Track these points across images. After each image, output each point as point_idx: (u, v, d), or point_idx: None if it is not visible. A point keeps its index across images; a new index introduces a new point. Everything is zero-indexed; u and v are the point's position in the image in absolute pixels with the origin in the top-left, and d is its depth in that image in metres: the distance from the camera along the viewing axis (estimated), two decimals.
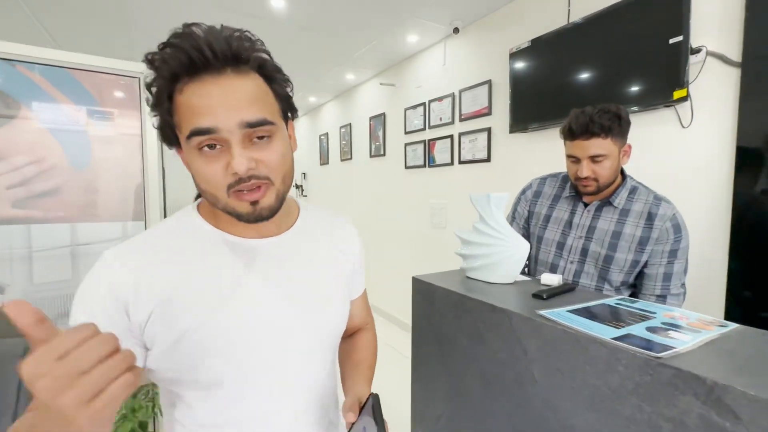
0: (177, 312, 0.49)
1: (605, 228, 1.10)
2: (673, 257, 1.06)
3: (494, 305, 0.71)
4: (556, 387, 0.61)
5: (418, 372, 0.94)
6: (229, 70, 0.47)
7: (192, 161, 0.49)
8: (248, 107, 0.47)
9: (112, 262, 0.49)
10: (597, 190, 1.09)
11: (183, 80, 0.46)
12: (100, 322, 0.35)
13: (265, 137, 0.49)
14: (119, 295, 0.48)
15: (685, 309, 0.67)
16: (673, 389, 0.47)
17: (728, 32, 1.41)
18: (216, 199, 0.50)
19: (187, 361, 0.50)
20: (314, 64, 3.39)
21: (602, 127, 1.02)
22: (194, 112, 0.46)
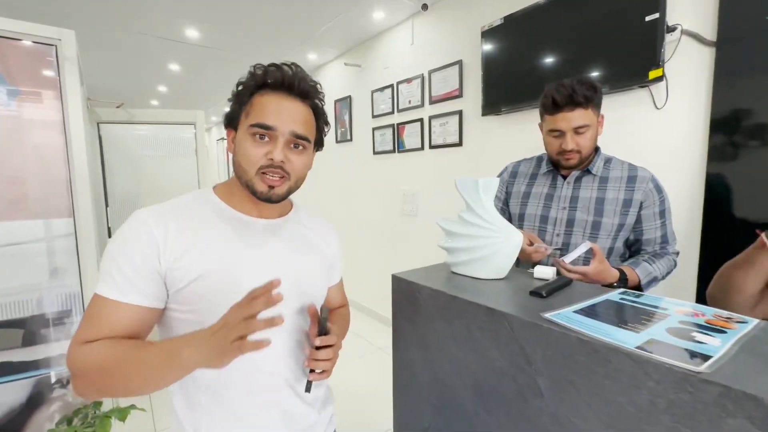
0: (193, 261, 0.62)
1: (588, 196, 1.11)
2: (663, 217, 1.10)
3: (491, 308, 0.62)
4: (568, 402, 0.52)
5: (401, 378, 0.84)
6: (298, 98, 0.67)
7: (243, 141, 0.65)
8: (300, 124, 0.67)
9: (146, 219, 0.62)
10: (579, 162, 1.10)
11: (268, 90, 0.66)
12: (138, 264, 0.59)
13: (300, 147, 0.68)
14: (154, 243, 0.60)
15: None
16: (720, 410, 0.39)
17: (704, 11, 1.39)
18: (245, 173, 0.65)
19: (199, 302, 0.62)
20: (272, 42, 3.13)
21: (585, 97, 1.02)
22: (265, 112, 0.64)
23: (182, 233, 0.62)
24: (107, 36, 2.86)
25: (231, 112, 0.68)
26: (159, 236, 0.60)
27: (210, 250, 0.63)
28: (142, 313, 0.60)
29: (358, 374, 2.43)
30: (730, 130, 1.34)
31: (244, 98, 0.66)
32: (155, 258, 0.60)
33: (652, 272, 1.05)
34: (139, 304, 0.59)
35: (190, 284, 0.61)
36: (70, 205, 1.24)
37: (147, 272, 0.60)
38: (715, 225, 1.40)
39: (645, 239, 1.11)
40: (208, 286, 0.62)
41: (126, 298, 0.58)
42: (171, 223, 0.62)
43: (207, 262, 0.62)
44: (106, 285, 0.59)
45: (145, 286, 0.59)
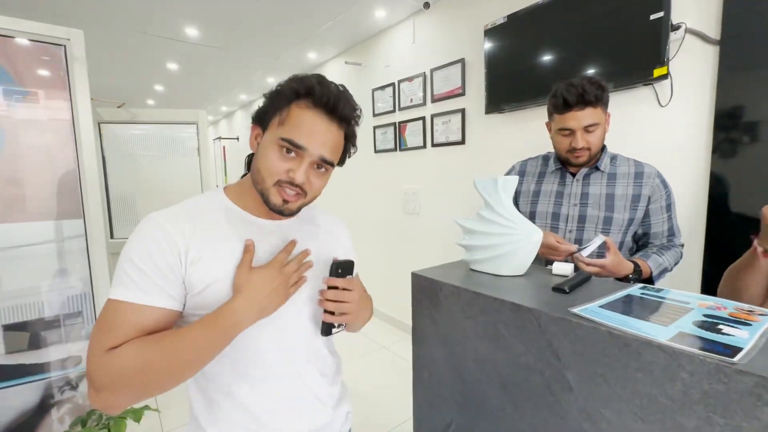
0: (209, 266, 0.62)
1: (598, 192, 1.13)
2: (669, 211, 1.14)
3: (518, 304, 0.63)
4: (598, 395, 0.54)
5: (421, 375, 0.85)
6: (336, 121, 0.66)
7: (268, 148, 0.64)
8: (330, 149, 0.66)
9: (164, 223, 0.61)
10: (588, 160, 1.12)
11: (309, 102, 0.63)
12: (163, 269, 0.59)
13: (323, 170, 0.67)
14: (175, 248, 0.60)
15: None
16: (756, 399, 0.40)
17: (707, 9, 1.41)
18: (262, 181, 0.64)
19: (210, 306, 0.61)
20: (273, 40, 3.12)
21: (596, 96, 1.04)
22: (300, 128, 0.63)
23: (198, 238, 0.62)
24: (108, 35, 2.83)
25: (264, 110, 0.66)
26: (179, 241, 0.60)
27: (224, 256, 0.63)
28: (166, 315, 0.59)
29: (362, 373, 2.44)
30: (734, 128, 1.36)
31: (282, 103, 0.64)
32: (178, 263, 0.60)
33: (662, 263, 1.08)
34: (164, 306, 0.58)
35: (206, 289, 0.61)
36: (80, 206, 1.23)
37: (172, 276, 0.59)
38: (718, 221, 1.42)
39: (653, 232, 1.14)
40: (223, 290, 0.62)
41: (151, 300, 0.57)
42: (188, 227, 0.61)
43: (221, 268, 0.62)
44: (126, 289, 0.57)
45: (170, 288, 0.59)
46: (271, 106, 0.65)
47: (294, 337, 0.70)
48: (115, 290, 0.57)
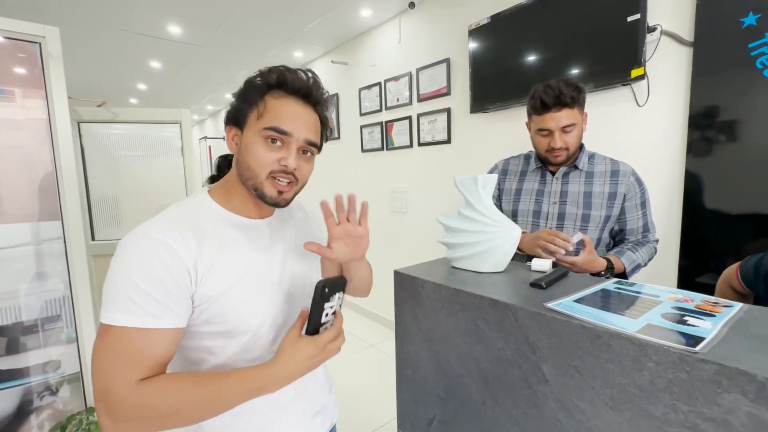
0: (219, 275, 0.60)
1: (576, 191, 1.16)
2: (644, 208, 1.17)
3: (495, 299, 0.64)
4: (572, 387, 0.55)
5: (404, 372, 0.86)
6: (311, 105, 0.67)
7: (253, 143, 0.63)
8: (313, 131, 0.67)
9: (163, 238, 0.56)
10: (566, 159, 1.15)
11: (283, 93, 0.64)
12: (171, 288, 0.55)
13: (309, 154, 0.68)
14: (182, 264, 0.57)
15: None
16: (716, 387, 0.42)
17: (681, 12, 1.45)
18: (255, 176, 0.63)
19: (227, 314, 0.61)
20: (258, 39, 3.09)
21: (572, 98, 1.07)
22: (282, 116, 0.63)
23: (204, 248, 0.59)
24: (86, 32, 2.77)
25: (237, 109, 0.65)
26: (185, 256, 0.57)
27: (232, 262, 0.62)
28: (174, 335, 0.57)
29: (351, 372, 2.44)
30: (707, 127, 1.41)
31: (255, 97, 0.63)
32: (188, 280, 0.57)
33: (635, 260, 1.12)
34: (173, 326, 0.56)
35: (219, 299, 0.60)
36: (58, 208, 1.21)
37: (181, 295, 0.57)
38: (693, 216, 1.47)
39: (629, 229, 1.18)
40: (235, 298, 0.61)
41: (161, 323, 0.55)
42: (190, 238, 0.58)
43: (231, 275, 0.61)
44: (133, 315, 0.53)
45: (177, 308, 0.56)
46: (244, 102, 0.64)
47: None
48: (119, 316, 0.53)
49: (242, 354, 0.64)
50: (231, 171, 0.69)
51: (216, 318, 0.61)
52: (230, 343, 0.63)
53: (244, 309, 0.63)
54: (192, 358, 0.64)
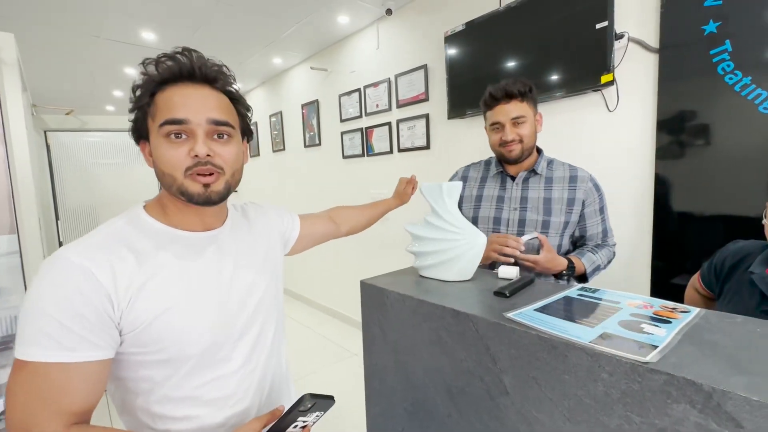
0: (150, 299, 0.55)
1: (536, 196, 1.16)
2: (602, 213, 1.19)
3: (456, 310, 0.63)
4: (532, 398, 0.54)
5: (373, 385, 0.84)
6: (207, 86, 0.61)
7: (158, 147, 0.58)
8: (216, 110, 0.60)
9: (82, 262, 0.51)
10: (521, 153, 1.14)
11: (169, 84, 0.59)
12: (90, 318, 0.50)
13: (225, 136, 0.61)
14: (102, 291, 0.52)
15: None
16: (666, 397, 0.42)
17: (647, 19, 1.48)
18: (173, 180, 0.58)
19: (163, 341, 0.56)
20: (235, 46, 3.06)
21: (519, 91, 1.10)
22: (172, 106, 0.57)
23: (129, 271, 0.54)
24: (54, 38, 2.69)
25: (136, 121, 0.60)
26: (106, 282, 0.52)
27: (167, 283, 0.57)
28: (100, 369, 0.53)
29: (333, 381, 2.40)
30: (675, 131, 1.44)
31: (145, 101, 0.58)
32: (110, 308, 0.52)
33: (595, 261, 1.13)
34: (93, 359, 0.51)
35: (151, 324, 0.55)
36: (13, 221, 1.15)
37: (101, 324, 0.51)
38: (664, 219, 1.50)
39: (589, 234, 1.19)
40: (171, 321, 0.57)
41: (80, 356, 0.50)
42: (114, 261, 0.53)
43: (166, 298, 0.57)
44: (44, 348, 0.48)
45: (97, 339, 0.51)
46: (139, 113, 0.60)
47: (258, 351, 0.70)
48: (32, 350, 0.48)
49: (188, 381, 0.60)
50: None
51: (152, 345, 0.56)
52: (173, 372, 0.59)
53: (183, 334, 0.58)
54: (133, 389, 0.59)
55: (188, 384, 0.60)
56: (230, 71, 0.64)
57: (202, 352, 0.60)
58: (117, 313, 0.53)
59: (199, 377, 0.61)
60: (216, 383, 0.63)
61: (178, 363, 0.58)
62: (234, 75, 0.65)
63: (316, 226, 0.96)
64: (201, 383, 0.61)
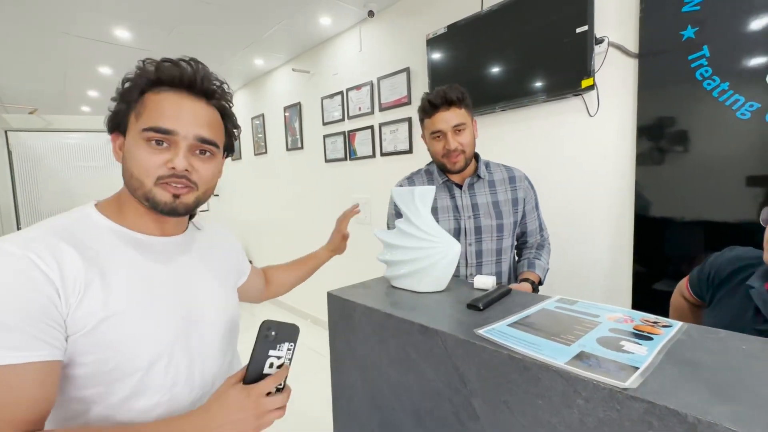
0: (96, 300, 0.51)
1: (485, 201, 1.17)
2: (537, 209, 1.24)
3: (424, 325, 0.58)
4: (503, 424, 0.49)
5: (340, 404, 0.78)
6: (203, 100, 0.59)
7: (134, 147, 0.55)
8: (206, 127, 0.58)
9: (25, 253, 0.47)
10: (465, 163, 1.14)
11: (164, 88, 0.56)
12: (35, 314, 0.46)
13: (207, 153, 0.60)
14: (49, 283, 0.47)
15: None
16: (647, 427, 0.37)
17: (626, 24, 1.48)
18: (141, 185, 0.55)
19: (107, 349, 0.51)
20: (214, 45, 2.98)
21: (457, 97, 1.10)
22: (162, 113, 0.55)
23: (75, 266, 0.50)
24: (19, 34, 2.57)
25: (116, 113, 0.58)
26: (52, 274, 0.47)
27: (120, 286, 0.53)
28: (49, 369, 0.47)
29: (315, 393, 2.32)
30: (654, 137, 1.43)
31: (133, 97, 0.56)
32: (57, 300, 0.48)
33: (545, 266, 1.18)
34: (44, 359, 0.46)
35: (95, 328, 0.50)
36: None
37: (48, 320, 0.47)
38: (645, 224, 1.48)
39: (529, 230, 1.23)
40: (117, 328, 0.52)
41: (27, 356, 0.45)
42: (57, 254, 0.49)
43: (112, 301, 0.52)
44: None
45: (46, 336, 0.46)
46: (122, 105, 0.57)
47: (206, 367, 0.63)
48: None
49: (131, 401, 0.54)
50: (122, 187, 0.60)
51: (92, 354, 0.50)
52: (113, 388, 0.52)
53: (129, 342, 0.52)
54: (67, 412, 0.53)
55: (130, 406, 0.54)
56: (230, 89, 0.64)
57: (148, 366, 0.54)
58: (65, 309, 0.48)
59: (143, 398, 0.54)
60: (164, 406, 0.56)
61: (120, 377, 0.53)
62: (232, 93, 0.67)
63: (253, 279, 0.88)
64: (144, 407, 0.55)
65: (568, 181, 1.68)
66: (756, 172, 1.24)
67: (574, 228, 1.68)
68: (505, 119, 1.89)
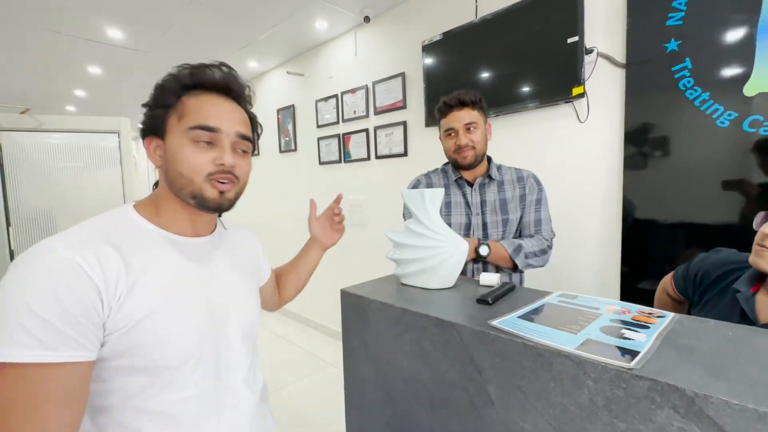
0: (137, 300, 0.53)
1: (493, 199, 1.25)
2: (539, 205, 1.26)
3: (440, 318, 0.62)
4: (517, 408, 0.54)
5: (353, 398, 0.82)
6: (233, 100, 0.64)
7: (180, 148, 0.58)
8: (243, 125, 0.63)
9: (72, 255, 0.48)
10: (475, 159, 1.22)
11: (201, 91, 0.60)
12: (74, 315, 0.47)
13: (244, 151, 0.64)
14: (91, 282, 0.49)
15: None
16: (650, 403, 0.42)
17: (614, 36, 1.56)
18: (191, 182, 0.58)
19: (145, 347, 0.53)
20: (208, 47, 2.97)
21: (471, 100, 1.19)
22: (205, 113, 0.59)
23: (117, 268, 0.52)
24: (10, 33, 2.52)
25: (153, 117, 0.60)
26: (96, 276, 0.49)
27: (157, 283, 0.55)
28: (80, 371, 0.49)
29: (309, 392, 2.34)
30: (641, 142, 1.51)
31: (170, 101, 0.59)
32: (98, 304, 0.49)
33: (518, 242, 1.18)
34: (77, 360, 0.48)
35: (138, 325, 0.52)
36: None
37: (87, 322, 0.48)
38: (632, 226, 1.56)
39: (524, 221, 1.26)
40: (153, 327, 0.54)
41: (61, 356, 0.46)
42: (106, 255, 0.51)
43: (156, 300, 0.54)
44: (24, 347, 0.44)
45: (82, 337, 0.48)
46: (160, 109, 0.60)
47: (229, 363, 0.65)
48: (9, 350, 0.44)
49: (162, 394, 0.56)
50: (159, 188, 0.63)
51: (130, 351, 0.52)
52: (145, 383, 0.55)
53: (163, 341, 0.55)
54: (97, 405, 0.54)
55: (161, 399, 0.56)
56: (253, 92, 0.69)
57: (179, 364, 0.56)
58: (105, 312, 0.50)
59: (170, 393, 0.57)
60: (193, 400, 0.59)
61: (152, 373, 0.55)
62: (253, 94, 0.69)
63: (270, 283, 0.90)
64: (171, 400, 0.57)
65: (560, 185, 1.75)
66: (733, 176, 1.32)
67: (566, 229, 1.75)
68: (498, 124, 1.96)
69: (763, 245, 0.81)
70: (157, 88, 0.61)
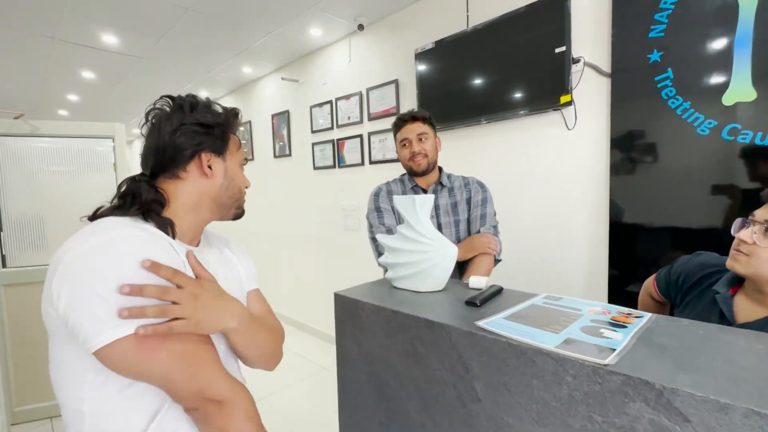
0: None
1: (445, 203, 1.41)
2: (484, 203, 1.40)
3: (431, 320, 0.65)
4: (502, 404, 0.56)
5: (346, 398, 0.84)
6: None
7: (238, 170, 0.75)
8: None
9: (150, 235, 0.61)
10: (428, 166, 1.38)
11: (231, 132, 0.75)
12: None
13: None
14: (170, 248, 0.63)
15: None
16: (623, 396, 0.45)
17: (600, 46, 1.61)
18: (242, 196, 0.77)
19: None
20: (203, 53, 2.99)
21: (422, 116, 1.39)
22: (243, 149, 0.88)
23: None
24: (1, 38, 2.52)
25: (218, 140, 0.71)
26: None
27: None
28: None
29: (303, 397, 2.34)
30: (626, 149, 1.56)
31: (227, 135, 0.73)
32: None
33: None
34: None
35: None
36: None
37: None
38: (619, 230, 1.60)
39: (472, 217, 1.40)
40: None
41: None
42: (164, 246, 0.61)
43: None
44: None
45: None
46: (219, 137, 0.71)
47: None
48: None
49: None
50: (183, 200, 0.67)
51: None
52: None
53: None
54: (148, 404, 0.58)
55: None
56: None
57: None
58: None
59: None
60: None
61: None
62: None
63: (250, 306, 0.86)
64: None
65: (548, 190, 1.79)
66: (714, 182, 1.38)
67: (554, 233, 1.79)
68: (489, 131, 2.00)
69: (739, 250, 0.84)
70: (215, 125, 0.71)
